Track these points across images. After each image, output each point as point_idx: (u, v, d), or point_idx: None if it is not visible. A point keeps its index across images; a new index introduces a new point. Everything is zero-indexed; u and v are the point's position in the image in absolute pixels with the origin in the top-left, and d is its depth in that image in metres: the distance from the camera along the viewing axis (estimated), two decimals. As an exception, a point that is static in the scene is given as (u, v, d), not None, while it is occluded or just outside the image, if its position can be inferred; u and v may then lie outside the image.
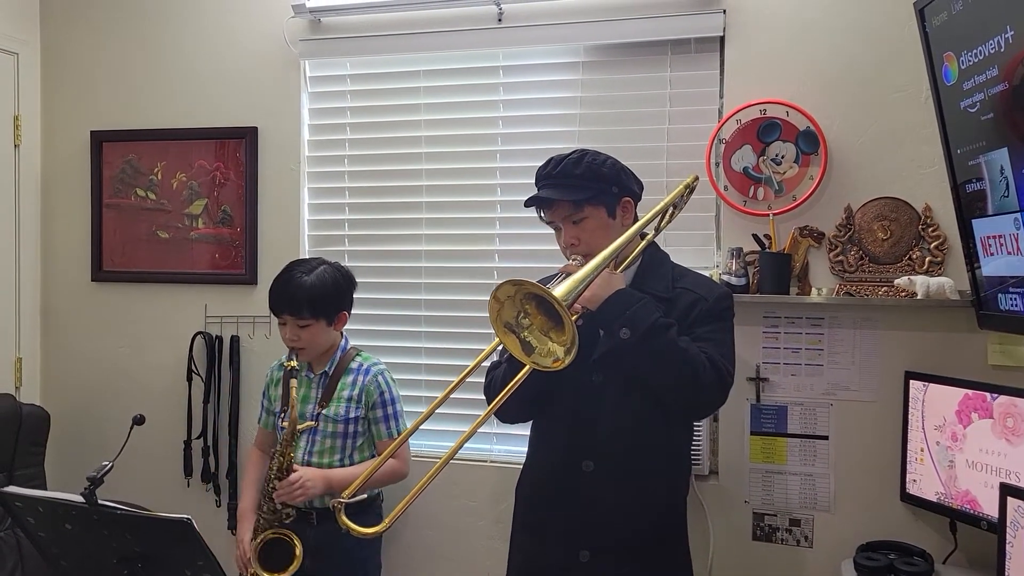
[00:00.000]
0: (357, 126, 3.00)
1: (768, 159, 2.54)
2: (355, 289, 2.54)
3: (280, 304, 2.40)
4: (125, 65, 3.21)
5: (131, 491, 2.64)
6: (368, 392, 2.46)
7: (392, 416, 2.49)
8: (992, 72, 1.93)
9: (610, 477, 1.89)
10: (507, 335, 1.66)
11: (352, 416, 2.45)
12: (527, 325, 1.66)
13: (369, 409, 2.47)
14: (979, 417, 2.18)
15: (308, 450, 2.45)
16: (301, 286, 2.38)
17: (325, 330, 2.44)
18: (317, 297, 2.39)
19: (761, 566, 2.57)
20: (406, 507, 1.61)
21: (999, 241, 2.03)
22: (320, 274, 2.42)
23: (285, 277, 2.42)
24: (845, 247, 2.49)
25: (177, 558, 1.72)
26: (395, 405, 2.50)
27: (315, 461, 2.43)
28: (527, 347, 1.66)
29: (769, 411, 2.56)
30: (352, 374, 2.49)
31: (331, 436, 2.44)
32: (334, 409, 2.45)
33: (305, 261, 2.50)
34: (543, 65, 2.81)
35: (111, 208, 3.22)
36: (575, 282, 1.66)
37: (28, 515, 1.80)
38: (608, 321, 1.78)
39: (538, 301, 1.65)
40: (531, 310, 1.66)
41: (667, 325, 1.79)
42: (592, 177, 1.91)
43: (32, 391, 3.26)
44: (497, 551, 2.74)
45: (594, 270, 1.73)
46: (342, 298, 2.47)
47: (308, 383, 2.50)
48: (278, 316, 2.43)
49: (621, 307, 1.78)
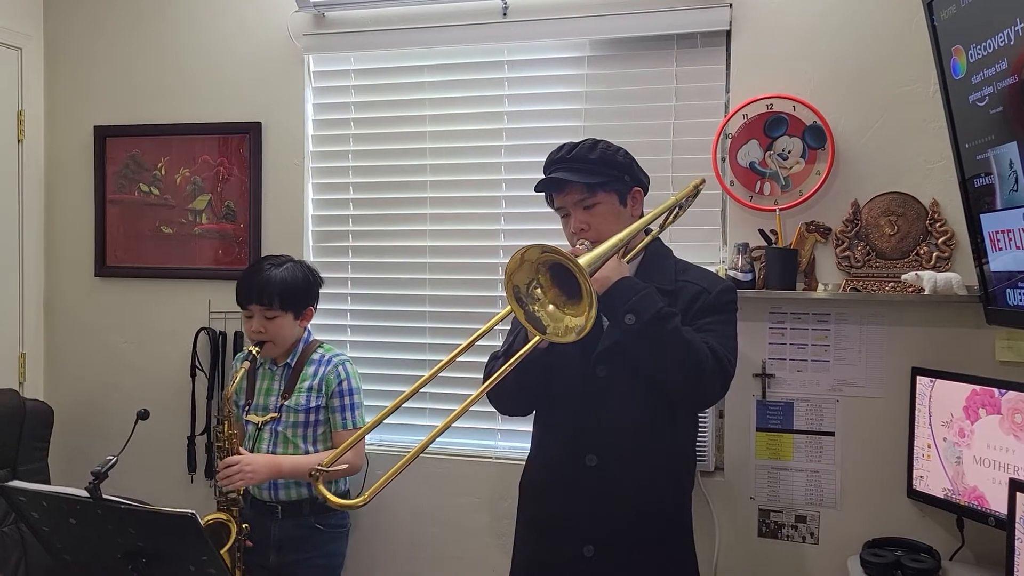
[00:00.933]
0: (361, 121, 2.99)
1: (775, 154, 2.52)
2: (322, 286, 2.57)
3: (249, 294, 2.42)
4: (128, 60, 3.20)
5: (135, 486, 2.64)
6: (328, 382, 2.48)
7: (349, 407, 2.49)
8: (1001, 66, 1.91)
9: (614, 472, 1.89)
10: (515, 303, 1.67)
11: (313, 405, 2.46)
12: (538, 297, 1.66)
13: (328, 398, 2.48)
14: (987, 413, 2.16)
15: (272, 441, 2.46)
16: (272, 278, 2.41)
17: (291, 324, 2.46)
18: (288, 290, 2.42)
19: (767, 563, 2.56)
20: (388, 481, 1.55)
21: (1007, 236, 2.01)
22: (290, 268, 2.46)
23: (254, 269, 2.46)
24: (852, 242, 2.47)
25: (181, 553, 1.71)
26: (352, 396, 2.50)
27: (280, 451, 2.45)
28: (535, 322, 1.67)
29: (775, 407, 2.55)
30: (314, 364, 2.50)
31: (292, 426, 2.46)
32: (295, 399, 2.46)
33: (274, 256, 2.53)
34: (548, 60, 2.80)
35: (115, 203, 3.22)
36: (595, 256, 1.68)
37: (32, 510, 1.79)
38: (614, 306, 1.77)
39: (554, 272, 1.65)
40: (545, 281, 1.67)
41: (671, 314, 1.78)
42: (606, 164, 1.91)
43: (36, 386, 3.26)
44: (501, 547, 2.73)
45: (611, 248, 1.74)
46: (310, 293, 2.50)
47: (272, 375, 2.52)
48: (245, 308, 2.45)
49: (628, 293, 1.77)
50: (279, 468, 2.38)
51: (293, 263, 2.49)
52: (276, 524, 2.44)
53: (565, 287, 1.67)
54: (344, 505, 1.66)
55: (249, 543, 2.41)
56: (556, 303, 1.68)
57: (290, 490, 2.45)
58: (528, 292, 1.67)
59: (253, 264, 2.48)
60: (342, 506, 1.66)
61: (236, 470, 2.29)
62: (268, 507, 2.46)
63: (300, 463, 2.41)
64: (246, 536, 2.40)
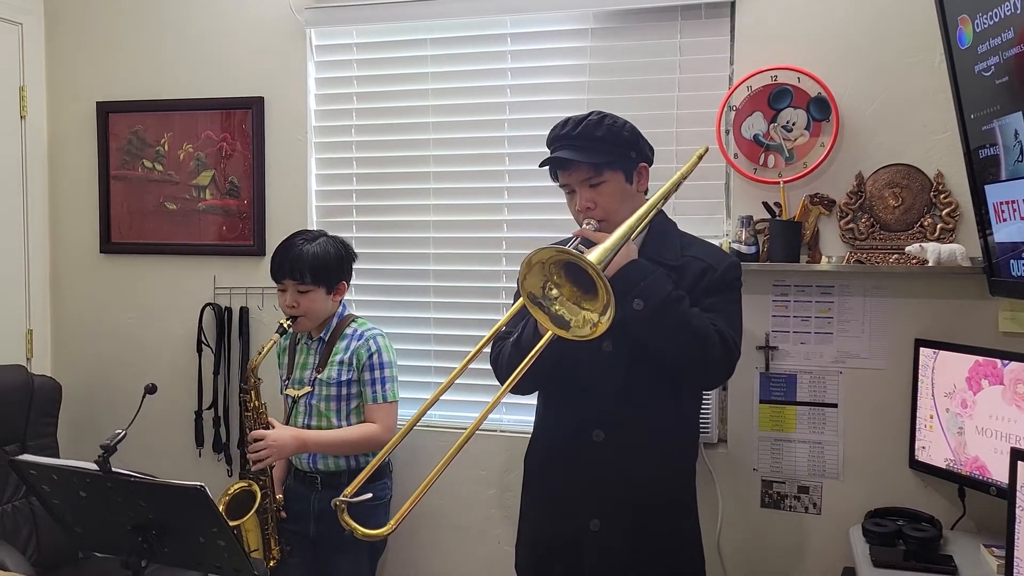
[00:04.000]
0: (364, 95, 2.98)
1: (779, 126, 2.51)
2: (355, 262, 2.58)
3: (282, 269, 2.43)
4: (130, 35, 3.19)
5: (143, 462, 2.66)
6: (359, 355, 2.48)
7: (379, 380, 2.49)
8: (1008, 35, 1.90)
9: (620, 446, 1.90)
10: (535, 309, 1.64)
11: (344, 379, 2.47)
12: (555, 296, 1.64)
13: (360, 372, 2.49)
14: (989, 384, 2.17)
15: (307, 414, 2.49)
16: (304, 252, 2.42)
17: (324, 298, 2.46)
18: (320, 265, 2.42)
19: (769, 533, 2.59)
20: (412, 507, 1.54)
21: (1012, 207, 2.01)
22: (322, 244, 2.46)
23: (288, 244, 2.46)
24: (856, 215, 2.47)
25: (191, 525, 1.73)
26: (384, 370, 2.50)
27: (314, 424, 2.48)
28: (560, 321, 1.63)
29: (778, 379, 2.56)
30: (346, 339, 2.51)
31: (326, 400, 2.48)
32: (328, 373, 2.47)
33: (308, 231, 2.53)
34: (551, 32, 2.78)
35: (118, 180, 3.22)
36: (606, 250, 1.65)
37: (43, 483, 1.82)
38: (622, 291, 1.77)
39: (567, 269, 1.63)
40: (560, 280, 1.64)
41: (679, 298, 1.78)
42: (613, 140, 1.89)
43: (43, 362, 3.28)
44: (507, 520, 2.76)
45: (622, 238, 1.71)
46: (342, 268, 2.50)
47: (308, 349, 2.54)
48: (279, 282, 2.46)
49: (637, 277, 1.77)
50: (304, 443, 2.40)
51: (327, 238, 2.49)
52: (316, 495, 2.46)
53: (579, 282, 1.64)
54: (371, 536, 1.58)
55: (283, 514, 2.44)
56: (573, 299, 1.65)
57: (328, 460, 2.46)
58: (545, 294, 1.64)
59: (287, 239, 2.48)
60: (370, 536, 1.57)
61: (263, 445, 2.31)
62: (308, 477, 2.49)
63: (324, 438, 2.43)
64: (280, 507, 2.43)
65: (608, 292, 1.55)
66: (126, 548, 1.76)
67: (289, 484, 2.55)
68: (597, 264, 1.56)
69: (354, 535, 1.53)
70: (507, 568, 2.18)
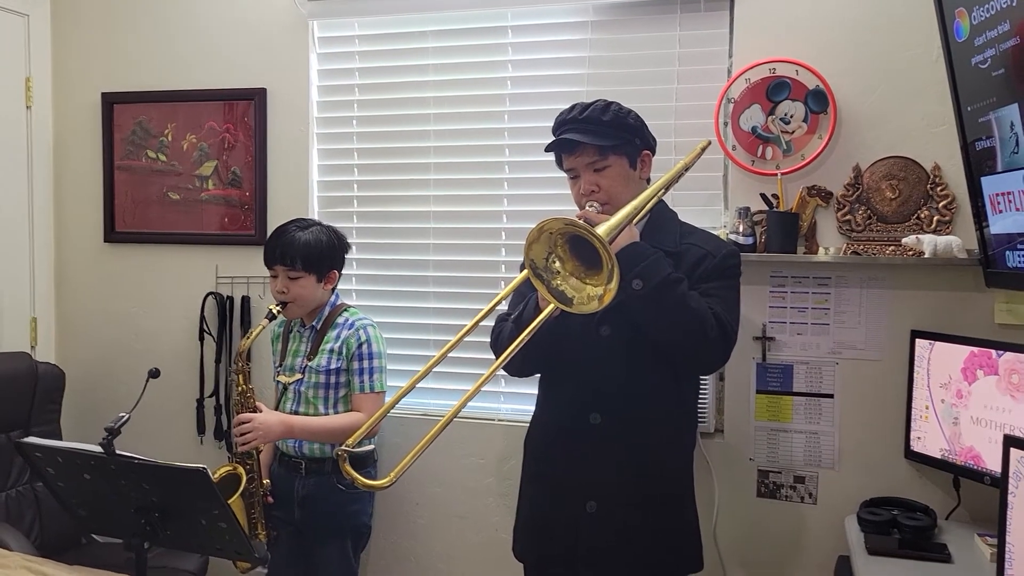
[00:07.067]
0: (365, 87, 3.00)
1: (777, 118, 2.53)
2: (348, 252, 2.60)
3: (273, 254, 2.46)
4: (135, 26, 3.21)
5: (146, 449, 2.64)
6: (348, 344, 2.50)
7: (368, 370, 2.51)
8: (1004, 27, 1.91)
9: (617, 430, 1.92)
10: (536, 280, 1.67)
11: (333, 367, 2.50)
12: (557, 270, 1.67)
13: (348, 361, 2.51)
14: (984, 374, 2.19)
15: (296, 400, 2.52)
16: (296, 239, 2.45)
17: (314, 286, 2.49)
18: (311, 252, 2.45)
19: (765, 522, 2.61)
20: (412, 462, 1.61)
21: (1007, 198, 2.02)
22: (315, 232, 2.49)
23: (281, 230, 2.50)
24: (853, 206, 2.48)
25: (193, 507, 1.76)
26: (372, 360, 2.51)
27: (301, 411, 2.50)
28: (561, 297, 1.67)
29: (775, 370, 2.58)
30: (337, 328, 2.53)
31: (314, 387, 2.50)
32: (317, 361, 2.50)
33: (303, 219, 2.56)
34: (551, 25, 2.80)
35: (123, 170, 3.24)
36: (612, 226, 1.68)
37: (47, 465, 1.84)
38: (622, 271, 1.79)
39: (572, 244, 1.66)
40: (563, 254, 1.67)
41: (678, 279, 1.81)
42: (619, 126, 1.93)
43: (47, 350, 3.31)
44: (505, 507, 2.78)
45: (627, 217, 1.74)
46: (334, 257, 2.53)
47: (300, 337, 2.57)
48: (270, 267, 2.49)
49: (637, 258, 1.79)
50: (291, 428, 2.43)
51: (320, 227, 2.52)
52: (300, 480, 2.50)
53: (583, 257, 1.66)
54: (370, 486, 1.66)
55: (270, 499, 2.47)
56: (576, 274, 1.67)
57: (314, 446, 2.49)
58: (547, 266, 1.67)
59: (281, 225, 2.52)
60: (368, 487, 1.65)
61: (249, 427, 2.34)
62: (293, 462, 2.52)
63: (311, 424, 2.46)
64: (266, 492, 2.46)
65: (612, 260, 1.57)
66: (129, 530, 1.78)
67: (274, 468, 2.58)
68: (604, 237, 1.58)
69: (355, 484, 1.62)
70: (504, 554, 2.20)
